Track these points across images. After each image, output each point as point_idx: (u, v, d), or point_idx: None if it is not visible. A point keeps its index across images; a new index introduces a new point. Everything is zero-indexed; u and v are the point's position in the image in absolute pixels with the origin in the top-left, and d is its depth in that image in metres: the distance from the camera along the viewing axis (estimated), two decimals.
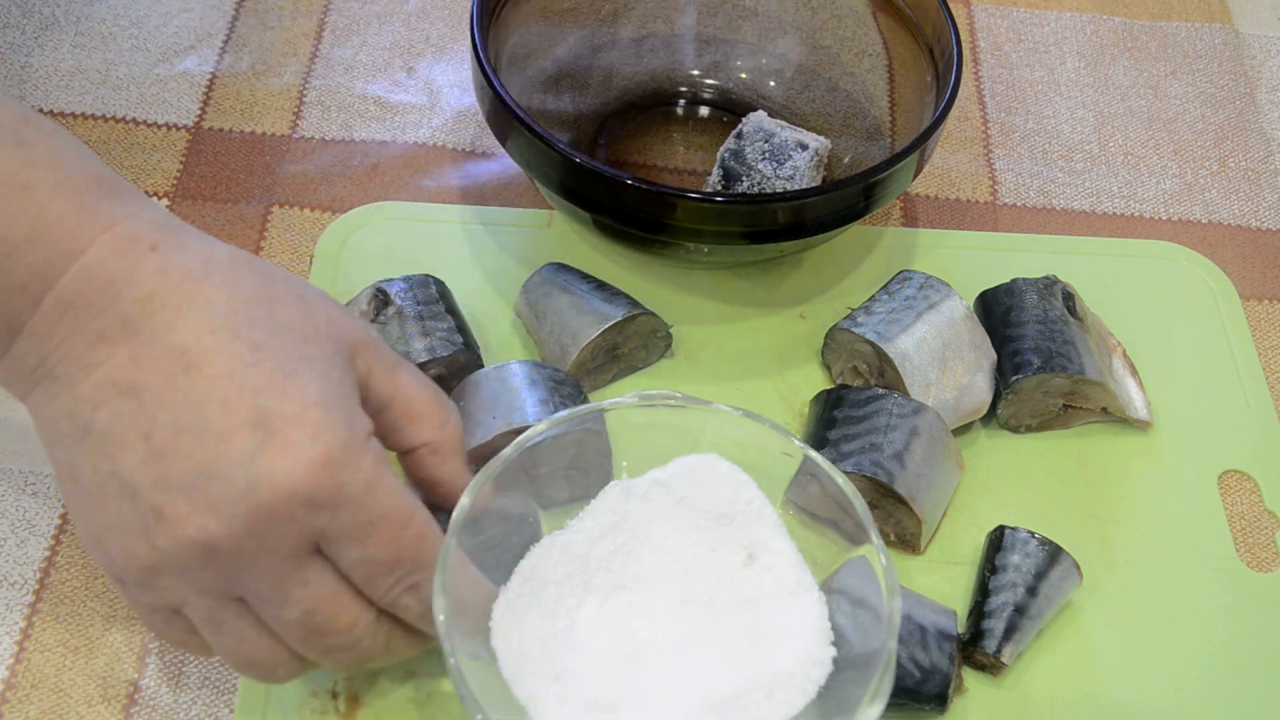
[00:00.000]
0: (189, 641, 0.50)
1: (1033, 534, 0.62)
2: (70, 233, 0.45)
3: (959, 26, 0.75)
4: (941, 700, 0.57)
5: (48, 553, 0.60)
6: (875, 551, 0.51)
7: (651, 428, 0.56)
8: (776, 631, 0.50)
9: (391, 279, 0.66)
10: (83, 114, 0.77)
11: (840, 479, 0.53)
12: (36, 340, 0.46)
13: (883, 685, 0.48)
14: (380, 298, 0.65)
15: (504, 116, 0.65)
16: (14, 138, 0.46)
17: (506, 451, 0.53)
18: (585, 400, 0.64)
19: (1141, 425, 0.69)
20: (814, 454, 0.54)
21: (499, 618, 0.51)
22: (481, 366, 0.65)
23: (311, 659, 0.50)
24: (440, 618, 0.47)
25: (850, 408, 0.63)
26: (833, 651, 0.50)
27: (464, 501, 0.51)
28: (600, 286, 0.68)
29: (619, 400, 0.55)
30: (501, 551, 0.53)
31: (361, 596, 0.49)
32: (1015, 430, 0.69)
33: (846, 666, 0.50)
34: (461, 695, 0.47)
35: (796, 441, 0.55)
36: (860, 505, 0.52)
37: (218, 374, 0.45)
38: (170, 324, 0.45)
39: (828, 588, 0.53)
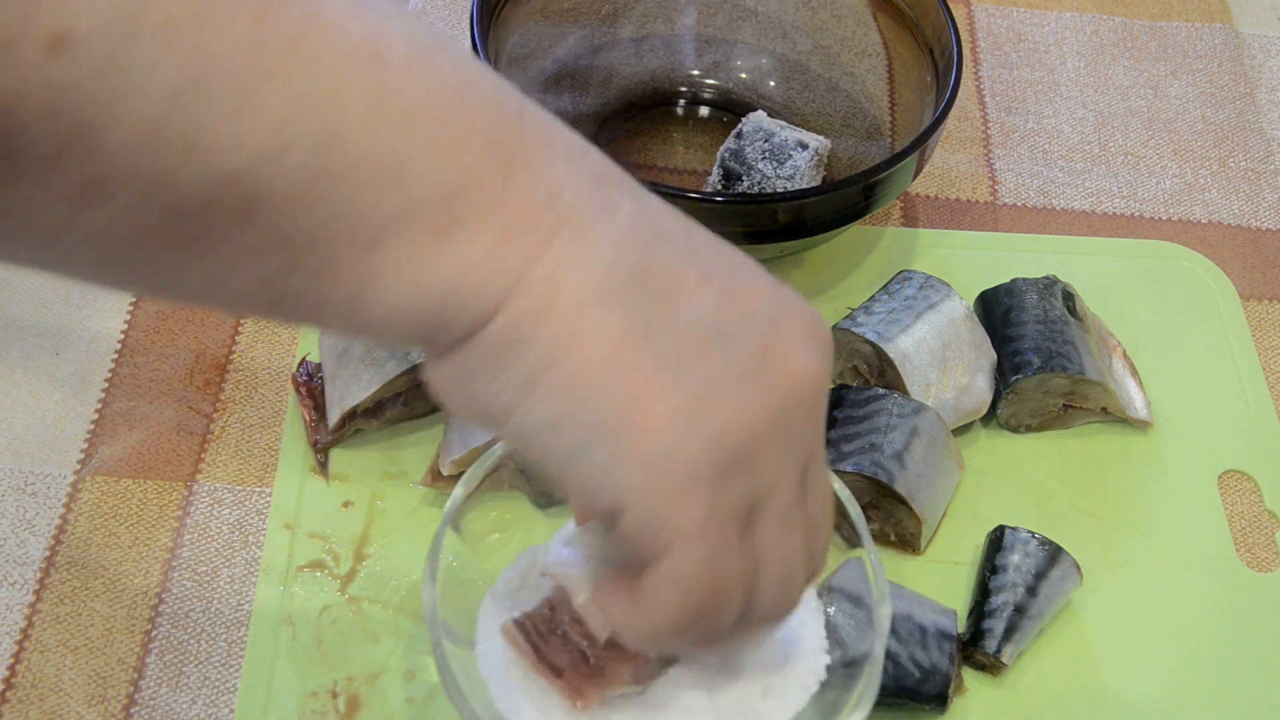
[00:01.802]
0: (737, 577, 0.39)
1: (1033, 534, 0.62)
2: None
3: (959, 26, 0.75)
4: (941, 700, 0.57)
5: (48, 553, 0.60)
6: (868, 557, 0.51)
7: None
8: (773, 637, 0.50)
9: None
10: None
11: (836, 484, 0.53)
12: (537, 172, 0.36)
13: (867, 691, 0.48)
14: None
15: None
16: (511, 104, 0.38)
17: (501, 445, 0.53)
18: None
19: (1141, 425, 0.69)
20: None
21: (483, 619, 0.50)
22: None
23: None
24: (429, 607, 0.48)
25: (850, 408, 0.63)
26: (827, 659, 0.50)
27: (457, 492, 0.51)
28: None
29: None
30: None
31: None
32: (1015, 430, 0.69)
33: (841, 667, 0.50)
34: (445, 684, 0.47)
35: None
36: (855, 510, 0.52)
37: (708, 233, 0.40)
38: (641, 191, 0.39)
39: (829, 585, 0.53)
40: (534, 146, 0.36)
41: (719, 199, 0.64)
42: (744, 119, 0.73)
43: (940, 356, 0.66)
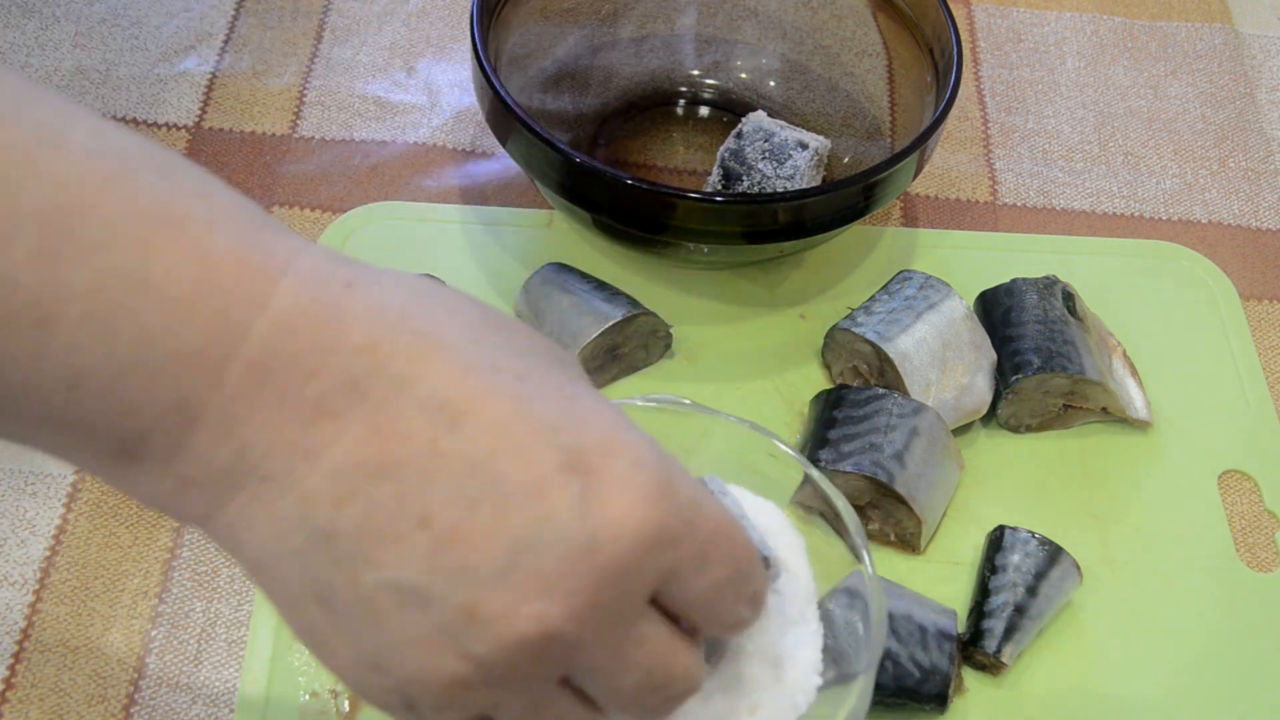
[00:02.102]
0: None
1: (1033, 534, 0.62)
2: (246, 277, 0.34)
3: (959, 26, 0.75)
4: (941, 700, 0.57)
5: (48, 553, 0.60)
6: (866, 576, 0.50)
7: (655, 432, 0.56)
8: (771, 657, 0.50)
9: None
10: None
11: (840, 502, 0.53)
12: (227, 429, 0.34)
13: (858, 710, 0.48)
14: None
15: (504, 116, 0.65)
16: (153, 165, 0.35)
17: None
18: None
19: (1141, 425, 0.69)
20: (814, 473, 0.53)
21: None
22: None
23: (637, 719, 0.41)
24: None
25: (850, 408, 0.63)
26: (819, 680, 0.50)
27: None
28: (600, 286, 0.68)
29: (626, 401, 0.55)
30: None
31: (684, 634, 0.40)
32: (1015, 430, 0.69)
33: (836, 682, 0.50)
34: None
35: (797, 458, 0.54)
36: (854, 525, 0.52)
37: (495, 420, 0.35)
38: (410, 374, 0.34)
39: (836, 589, 0.53)
40: (232, 400, 0.34)
41: (719, 199, 0.64)
42: (744, 119, 0.73)
43: (940, 356, 0.66)
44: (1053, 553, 0.61)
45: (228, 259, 0.34)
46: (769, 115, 0.73)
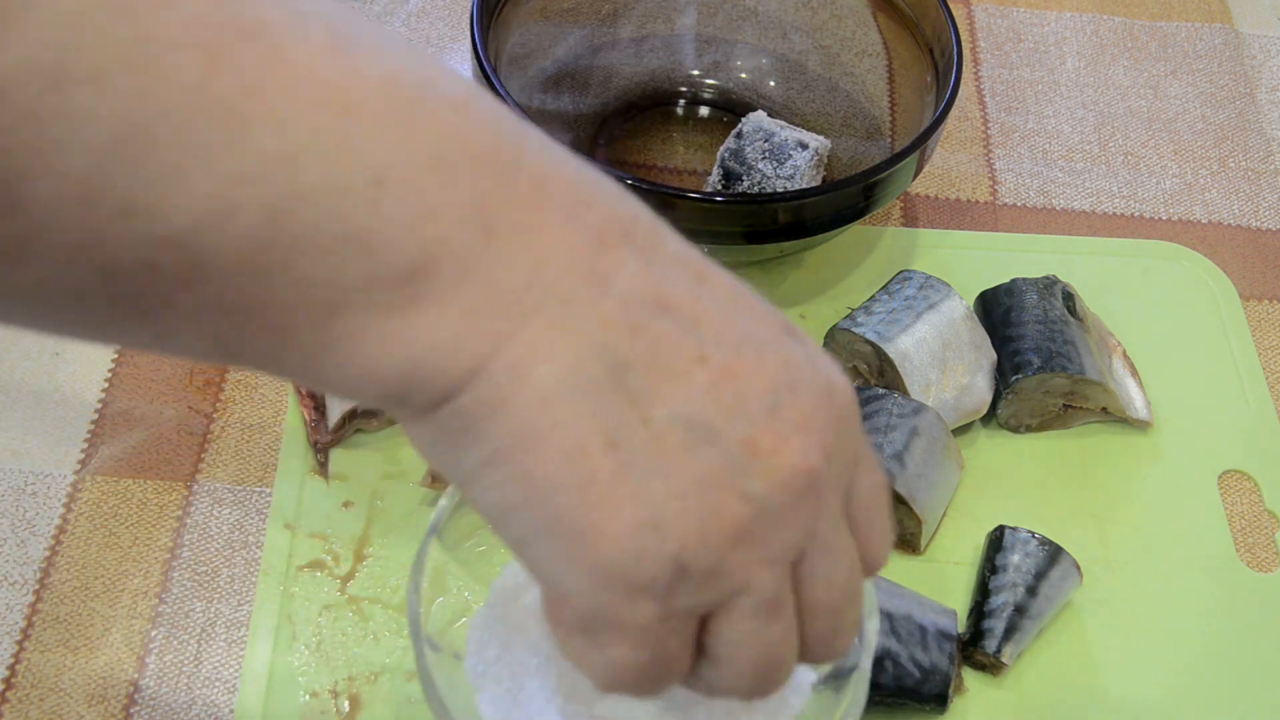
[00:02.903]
0: (677, 672, 0.37)
1: (1033, 534, 0.62)
2: (503, 107, 0.35)
3: (959, 26, 0.75)
4: (941, 700, 0.57)
5: (48, 553, 0.60)
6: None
7: None
8: None
9: None
10: None
11: None
12: (523, 239, 0.32)
13: (853, 707, 0.48)
14: None
15: None
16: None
17: None
18: None
19: (1141, 425, 0.69)
20: None
21: (472, 636, 0.50)
22: None
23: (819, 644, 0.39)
24: (413, 620, 0.47)
25: None
26: (813, 677, 0.50)
27: (442, 503, 0.50)
28: None
29: None
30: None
31: None
32: (1015, 430, 0.69)
33: (830, 679, 0.50)
34: (428, 696, 0.47)
35: None
36: None
37: (728, 285, 0.36)
38: (659, 234, 0.36)
39: None
40: (525, 209, 0.33)
41: (719, 199, 0.64)
42: (744, 119, 0.73)
43: (940, 356, 0.66)
44: (1053, 553, 0.61)
45: (484, 92, 0.34)
46: (769, 115, 0.73)
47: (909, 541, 0.63)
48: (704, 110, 0.82)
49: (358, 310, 0.31)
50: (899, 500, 0.61)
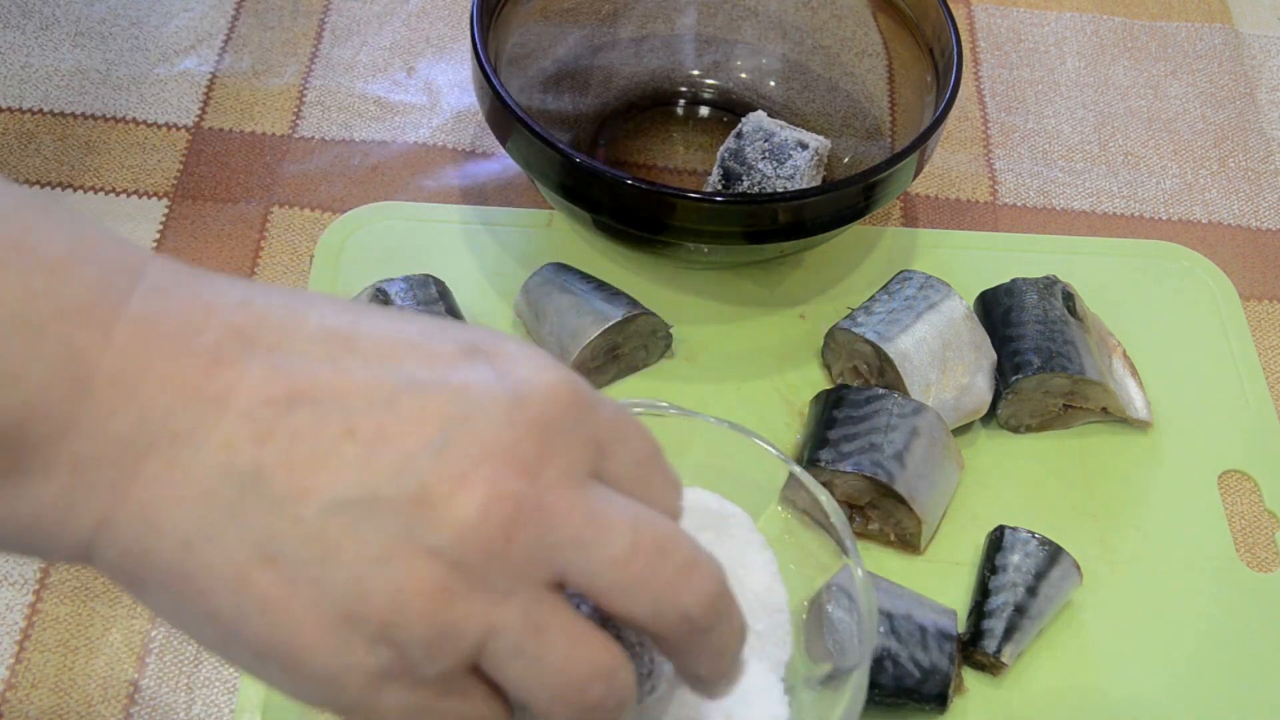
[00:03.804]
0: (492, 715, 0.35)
1: (1033, 534, 0.62)
2: (120, 252, 0.34)
3: (959, 26, 0.75)
4: (941, 700, 0.57)
5: None
6: (856, 575, 0.50)
7: None
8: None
9: (391, 279, 0.66)
10: (83, 114, 0.77)
11: (823, 497, 0.52)
12: (124, 388, 0.32)
13: (853, 708, 0.48)
14: (380, 298, 0.65)
15: (504, 116, 0.65)
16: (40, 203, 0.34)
17: None
18: None
19: (1141, 425, 0.69)
20: (798, 470, 0.53)
21: None
22: None
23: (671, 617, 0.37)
24: None
25: (850, 408, 0.63)
26: (776, 678, 0.49)
27: None
28: (600, 286, 0.68)
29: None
30: None
31: None
32: (1015, 430, 0.69)
33: (835, 676, 0.50)
34: None
35: (780, 457, 0.53)
36: (840, 521, 0.51)
37: (384, 333, 0.35)
38: (291, 321, 0.34)
39: (829, 585, 0.53)
40: (124, 356, 0.32)
41: (719, 199, 0.64)
42: (744, 119, 0.73)
43: (940, 356, 0.66)
44: (1053, 553, 0.61)
45: (100, 239, 0.34)
46: (769, 115, 0.73)
47: (909, 541, 0.63)
48: (704, 110, 0.82)
49: None
50: (899, 500, 0.61)
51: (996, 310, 0.69)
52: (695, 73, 0.82)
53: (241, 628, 0.33)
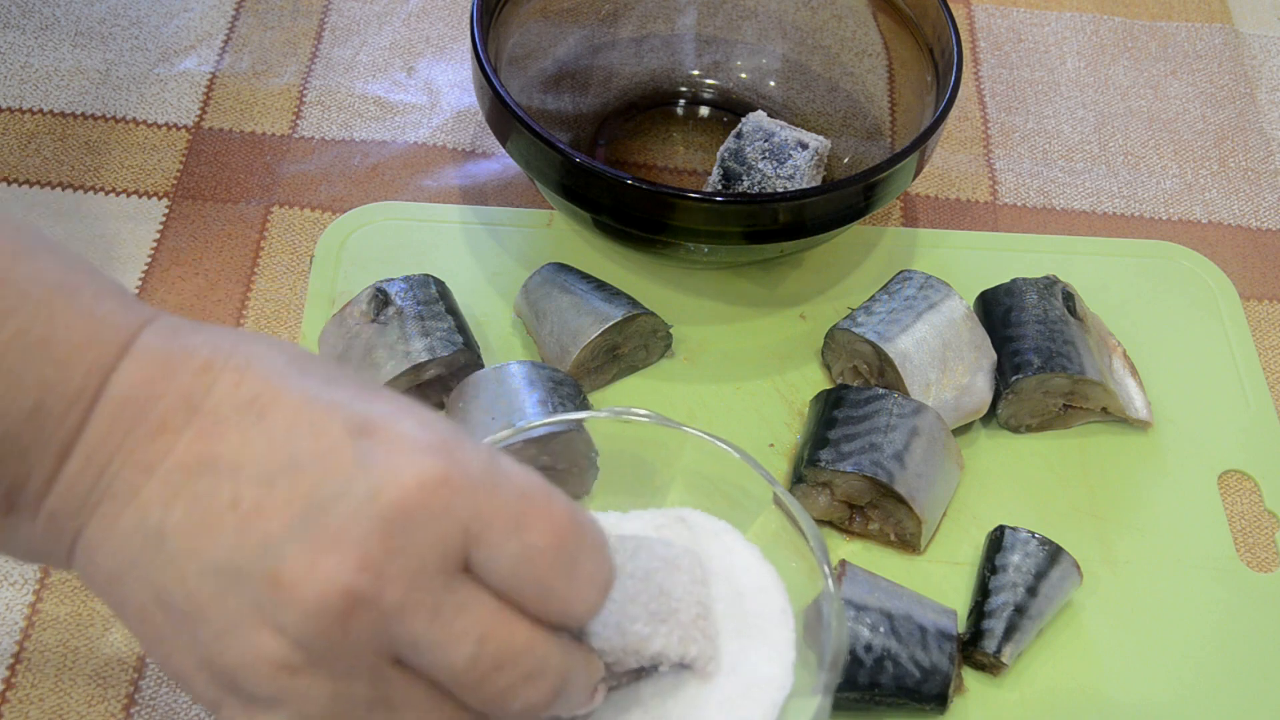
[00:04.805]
0: None
1: (1033, 534, 0.62)
2: (120, 327, 0.39)
3: (959, 26, 0.75)
4: (941, 700, 0.57)
5: None
6: (825, 593, 0.50)
7: (628, 445, 0.55)
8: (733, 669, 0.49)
9: (391, 279, 0.66)
10: (83, 114, 0.77)
11: (803, 520, 0.52)
12: (93, 452, 0.38)
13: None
14: (380, 298, 0.65)
15: (504, 116, 0.65)
16: (43, 244, 0.40)
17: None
18: (584, 400, 0.64)
19: (1141, 425, 0.69)
20: (780, 491, 0.52)
21: None
22: (481, 366, 0.65)
23: (502, 715, 0.40)
24: None
25: (850, 408, 0.63)
26: (784, 693, 0.49)
27: None
28: (600, 286, 0.68)
29: (590, 414, 0.55)
30: None
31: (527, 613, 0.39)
32: (1015, 430, 0.69)
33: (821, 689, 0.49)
34: None
35: (765, 477, 0.53)
36: (818, 545, 0.50)
37: (295, 405, 0.38)
38: (234, 384, 0.38)
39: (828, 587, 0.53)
40: (99, 428, 0.38)
41: (719, 199, 0.64)
42: (744, 119, 0.73)
43: (940, 356, 0.66)
44: (1053, 553, 0.61)
45: (108, 317, 0.39)
46: (769, 115, 0.73)
47: (909, 541, 0.63)
48: (704, 110, 0.82)
49: None
50: (899, 500, 0.61)
51: (996, 310, 0.69)
52: (695, 73, 0.82)
53: (151, 650, 0.39)
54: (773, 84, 0.81)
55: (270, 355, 0.39)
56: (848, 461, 0.61)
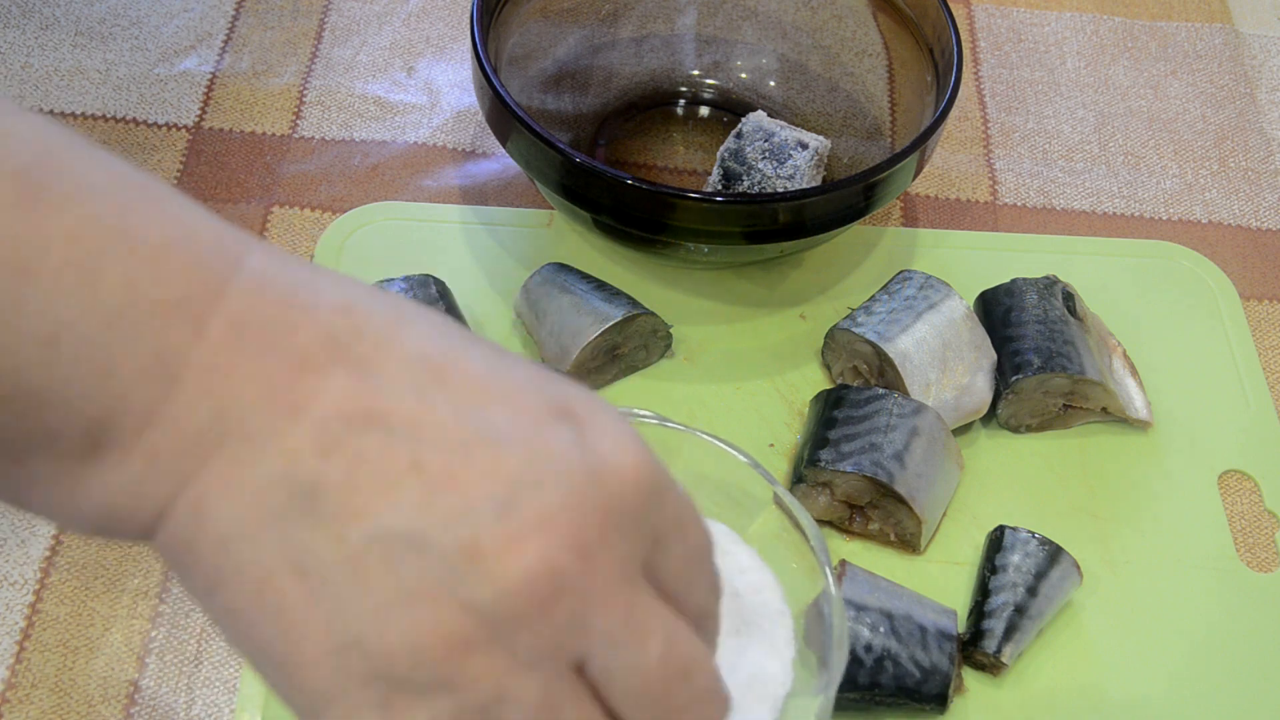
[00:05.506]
0: None
1: (1033, 534, 0.62)
2: (221, 239, 0.33)
3: (959, 26, 0.75)
4: (941, 700, 0.57)
5: (48, 553, 0.60)
6: (826, 595, 0.50)
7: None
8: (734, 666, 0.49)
9: (391, 279, 0.66)
10: (83, 114, 0.77)
11: (805, 520, 0.52)
12: (209, 382, 0.32)
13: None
14: None
15: (504, 116, 0.65)
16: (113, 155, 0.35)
17: None
18: None
19: (1141, 425, 0.69)
20: (782, 493, 0.53)
21: None
22: None
23: None
24: None
25: (850, 408, 0.63)
26: (784, 690, 0.49)
27: None
28: (600, 286, 0.68)
29: None
30: None
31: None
32: (1015, 430, 0.69)
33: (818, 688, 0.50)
34: None
35: (765, 477, 0.53)
36: (819, 545, 0.51)
37: (478, 374, 0.34)
38: (388, 336, 0.34)
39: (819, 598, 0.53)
40: (215, 352, 0.32)
41: (719, 199, 0.64)
42: (744, 119, 0.73)
43: (940, 356, 0.66)
44: (1053, 553, 0.61)
45: (201, 223, 0.33)
46: (769, 115, 0.73)
47: (909, 541, 0.63)
48: (704, 110, 0.82)
49: (42, 458, 0.32)
50: (899, 500, 0.61)
51: (996, 310, 0.69)
52: (695, 73, 0.82)
53: (255, 630, 0.33)
54: (773, 84, 0.81)
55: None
56: (848, 461, 0.61)
